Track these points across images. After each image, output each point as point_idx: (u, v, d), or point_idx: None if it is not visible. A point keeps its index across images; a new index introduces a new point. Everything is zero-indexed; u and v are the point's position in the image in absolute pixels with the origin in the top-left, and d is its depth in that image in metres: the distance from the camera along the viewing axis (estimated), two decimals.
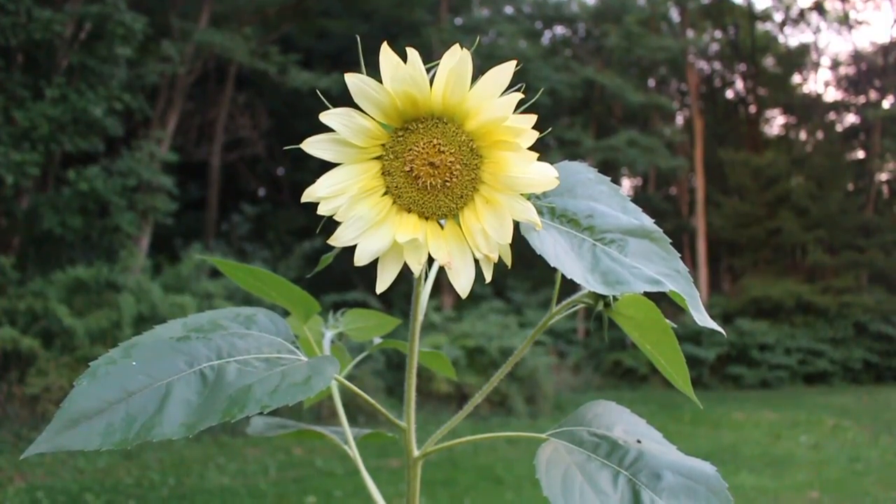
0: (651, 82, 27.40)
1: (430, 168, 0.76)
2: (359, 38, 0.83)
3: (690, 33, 25.87)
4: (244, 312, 0.94)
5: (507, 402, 12.71)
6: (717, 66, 29.84)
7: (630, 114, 24.72)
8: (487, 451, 9.97)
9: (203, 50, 16.54)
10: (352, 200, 0.76)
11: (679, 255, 0.85)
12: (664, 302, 0.93)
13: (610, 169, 21.02)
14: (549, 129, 0.81)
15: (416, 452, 1.00)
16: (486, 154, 0.76)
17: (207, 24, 16.54)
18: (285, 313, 1.22)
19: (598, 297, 0.94)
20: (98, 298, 11.17)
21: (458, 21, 22.56)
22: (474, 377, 12.52)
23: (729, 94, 30.70)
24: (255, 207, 18.98)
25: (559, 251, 0.80)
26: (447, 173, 0.76)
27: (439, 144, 0.75)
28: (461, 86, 0.72)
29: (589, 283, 0.78)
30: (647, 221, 0.87)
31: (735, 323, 20.84)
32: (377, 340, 1.48)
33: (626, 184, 27.31)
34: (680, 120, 28.50)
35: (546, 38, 26.10)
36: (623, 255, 0.82)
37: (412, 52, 0.72)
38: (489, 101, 0.72)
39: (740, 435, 11.63)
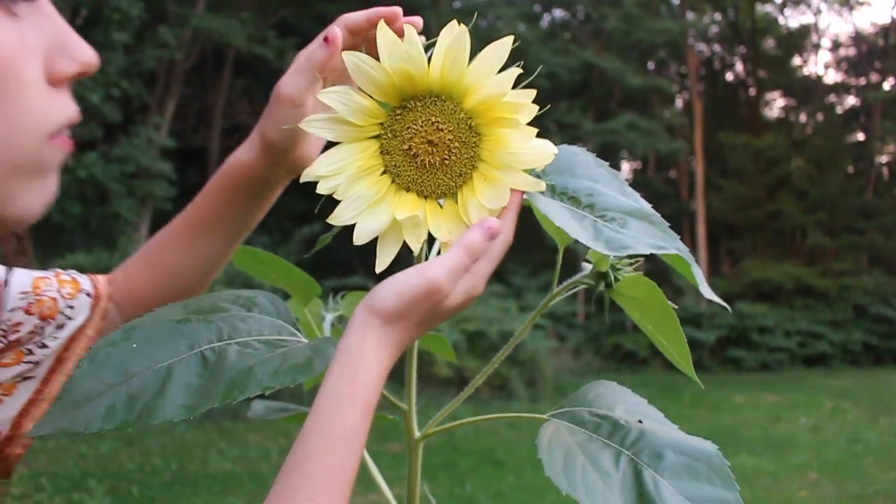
0: (650, 65, 27.28)
1: (429, 146, 0.76)
2: None
3: (690, 15, 25.74)
4: (244, 295, 0.93)
5: (507, 385, 12.74)
6: (717, 48, 29.69)
7: (629, 97, 24.61)
8: (488, 435, 10.01)
9: (200, 35, 16.44)
10: (350, 179, 0.76)
11: (678, 237, 0.85)
12: (664, 286, 0.93)
13: (609, 152, 20.97)
14: (548, 108, 0.80)
15: (416, 434, 1.00)
16: (484, 132, 0.76)
17: (204, 10, 16.44)
18: (286, 297, 1.21)
19: (599, 277, 0.94)
20: None
21: (457, 4, 22.40)
22: (475, 361, 12.53)
23: (729, 76, 30.57)
24: None
25: (564, 217, 0.80)
26: (446, 151, 0.76)
27: (438, 122, 0.75)
28: (459, 62, 0.71)
29: (594, 246, 0.78)
30: (646, 205, 0.87)
31: (735, 306, 20.83)
32: None
33: (626, 167, 27.22)
34: (679, 103, 28.38)
35: (545, 21, 25.97)
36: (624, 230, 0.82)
37: (409, 29, 0.72)
38: (487, 78, 0.72)
39: (740, 417, 11.69)
